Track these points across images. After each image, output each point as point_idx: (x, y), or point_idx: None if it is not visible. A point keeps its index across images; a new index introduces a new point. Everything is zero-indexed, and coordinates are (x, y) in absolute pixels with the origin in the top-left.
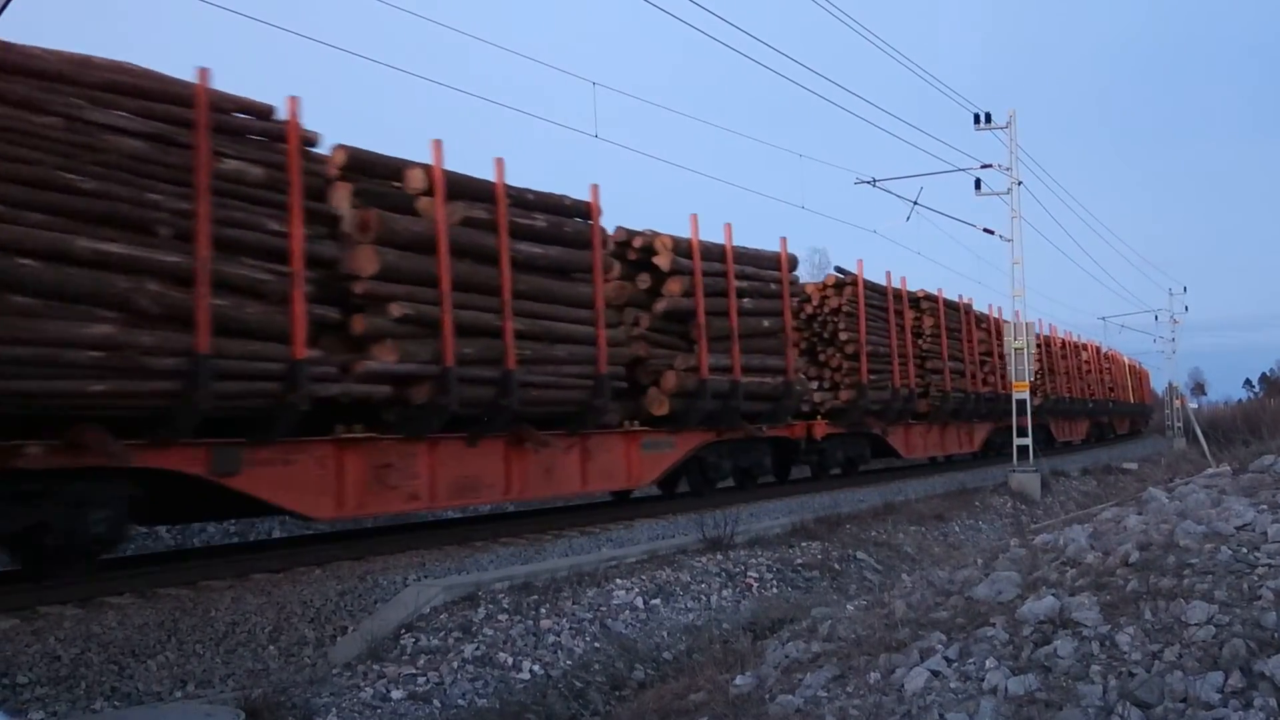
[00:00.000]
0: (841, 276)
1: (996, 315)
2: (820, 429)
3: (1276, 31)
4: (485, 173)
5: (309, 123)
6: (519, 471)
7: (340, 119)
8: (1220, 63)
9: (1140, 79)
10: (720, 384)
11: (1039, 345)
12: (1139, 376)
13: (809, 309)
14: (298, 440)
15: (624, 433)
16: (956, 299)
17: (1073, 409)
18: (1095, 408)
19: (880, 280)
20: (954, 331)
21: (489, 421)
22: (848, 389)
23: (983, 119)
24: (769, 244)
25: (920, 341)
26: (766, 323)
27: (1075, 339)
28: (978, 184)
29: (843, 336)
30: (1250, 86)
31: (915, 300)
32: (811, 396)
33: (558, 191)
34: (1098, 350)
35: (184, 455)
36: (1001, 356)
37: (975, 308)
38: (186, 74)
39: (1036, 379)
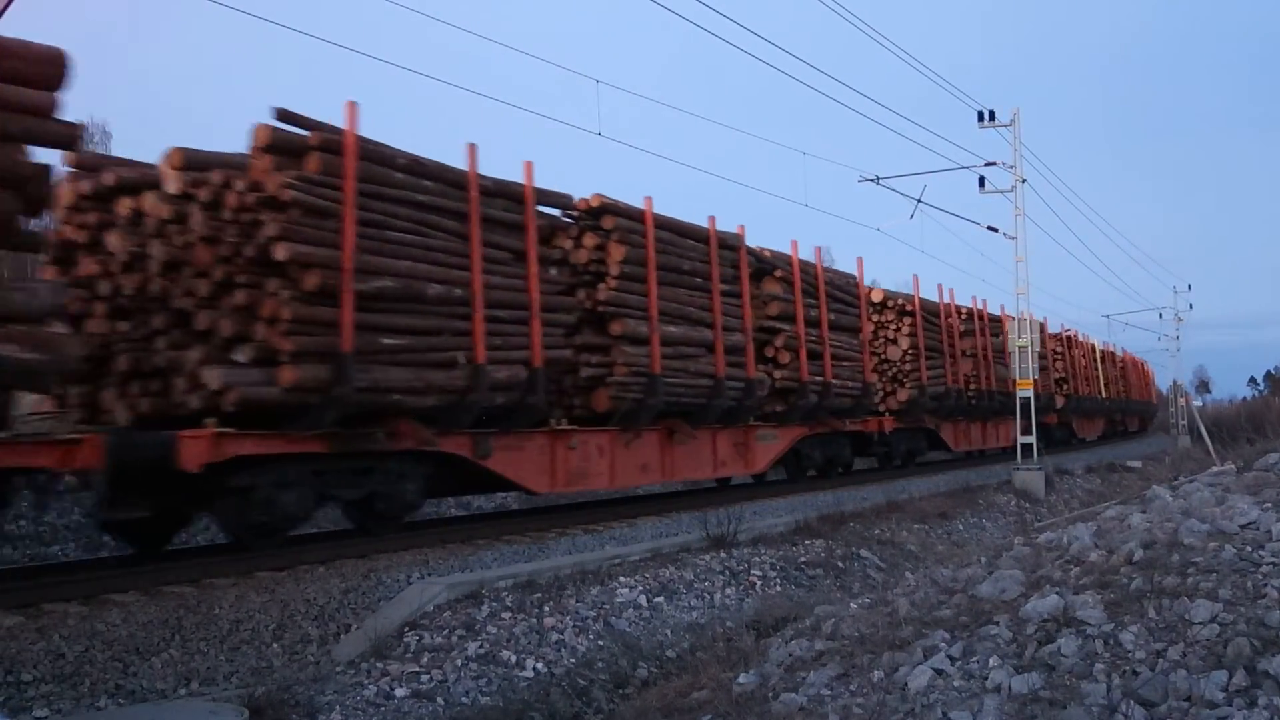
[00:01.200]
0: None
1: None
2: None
3: None
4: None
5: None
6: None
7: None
8: (1225, 59)
9: (1145, 76)
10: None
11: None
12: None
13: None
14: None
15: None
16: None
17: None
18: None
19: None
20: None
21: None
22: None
23: (986, 116)
24: (774, 242)
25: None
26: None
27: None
28: (981, 182)
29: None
30: (1255, 83)
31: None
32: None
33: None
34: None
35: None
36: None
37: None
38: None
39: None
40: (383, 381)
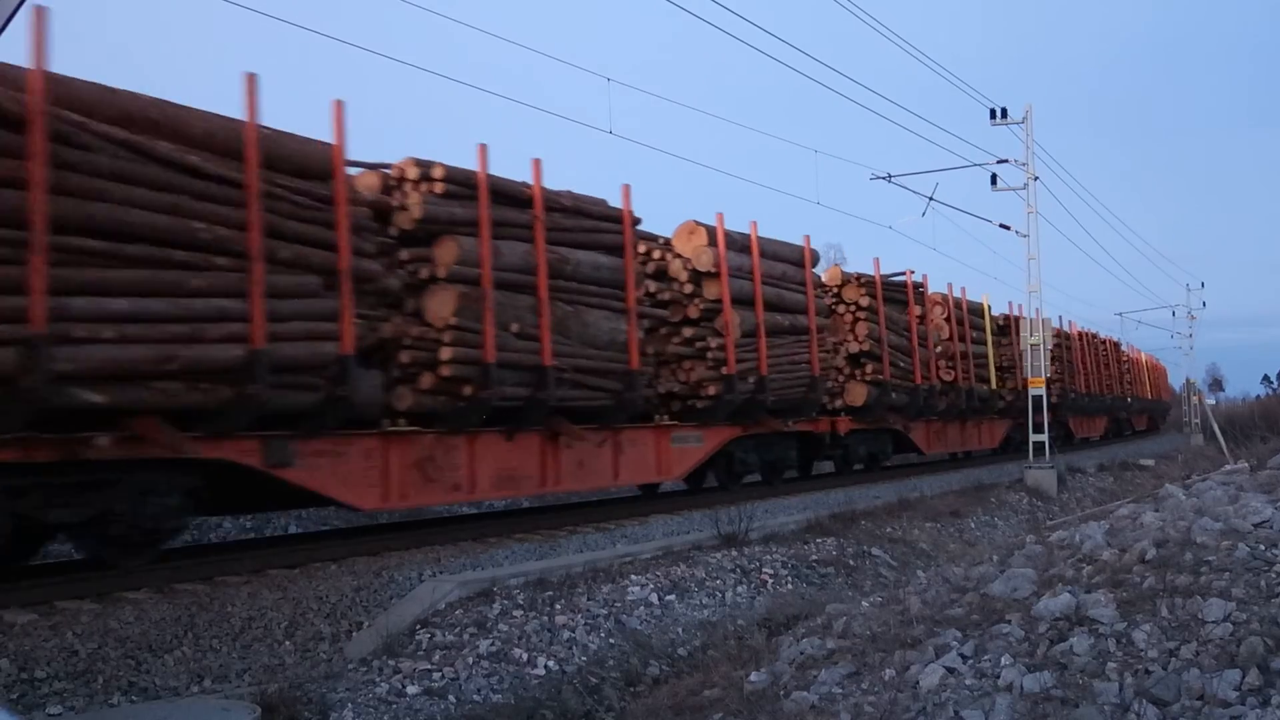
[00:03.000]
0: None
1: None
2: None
3: None
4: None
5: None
6: None
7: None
8: (1239, 56)
9: (1159, 72)
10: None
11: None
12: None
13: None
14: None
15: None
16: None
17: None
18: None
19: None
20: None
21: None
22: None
23: (999, 114)
24: (784, 239)
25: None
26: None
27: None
28: (994, 179)
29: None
30: (1270, 80)
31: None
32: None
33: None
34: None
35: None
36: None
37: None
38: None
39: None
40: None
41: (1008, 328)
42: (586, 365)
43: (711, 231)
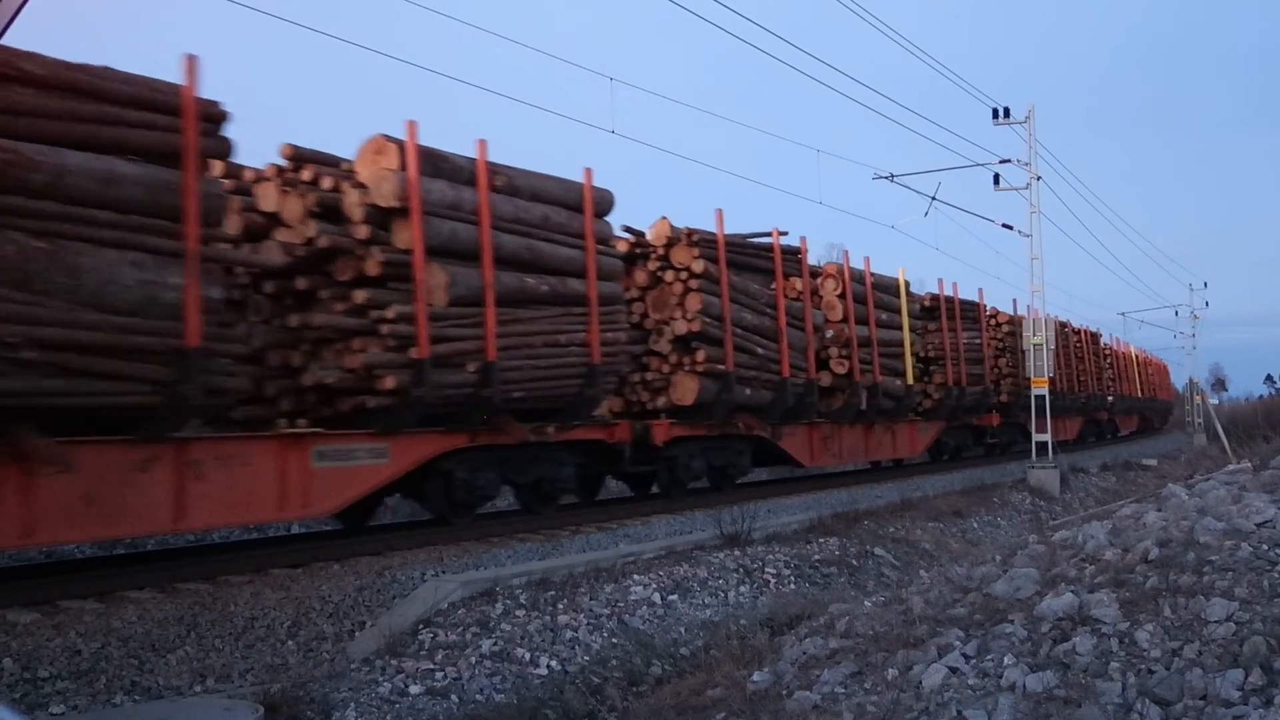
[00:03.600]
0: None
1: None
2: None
3: None
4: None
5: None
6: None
7: (352, 113)
8: (1244, 55)
9: (1162, 72)
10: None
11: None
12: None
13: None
14: None
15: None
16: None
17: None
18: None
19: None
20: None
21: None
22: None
23: (1001, 113)
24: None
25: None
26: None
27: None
28: (996, 179)
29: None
30: (1271, 80)
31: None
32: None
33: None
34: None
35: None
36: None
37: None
38: None
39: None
40: None
41: (937, 310)
42: (81, 340)
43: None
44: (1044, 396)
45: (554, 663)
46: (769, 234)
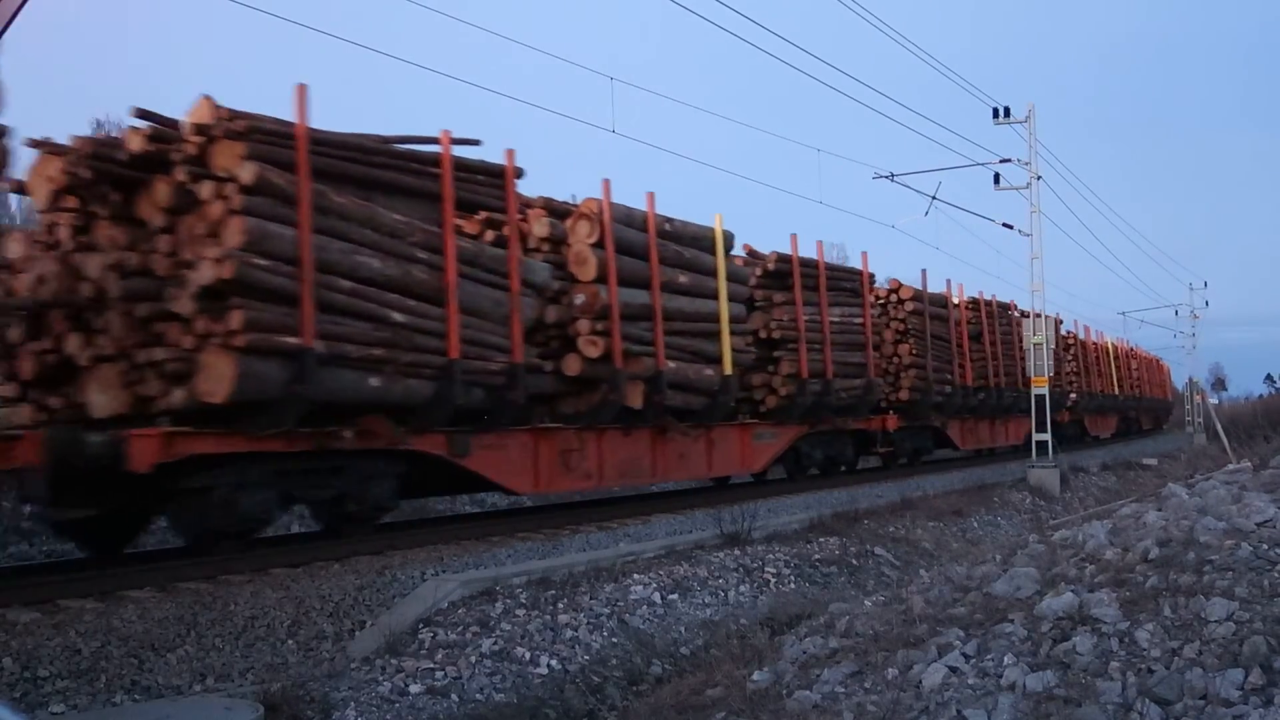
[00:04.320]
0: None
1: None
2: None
3: None
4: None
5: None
6: None
7: (355, 112)
8: (1244, 55)
9: (1162, 71)
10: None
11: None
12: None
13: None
14: None
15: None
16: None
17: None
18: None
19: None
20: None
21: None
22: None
23: (1001, 113)
24: (782, 238)
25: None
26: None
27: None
28: (996, 179)
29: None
30: (1272, 79)
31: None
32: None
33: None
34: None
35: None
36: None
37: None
38: None
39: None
40: None
41: (789, 278)
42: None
43: None
44: (1044, 396)
45: (554, 662)
46: (434, 138)
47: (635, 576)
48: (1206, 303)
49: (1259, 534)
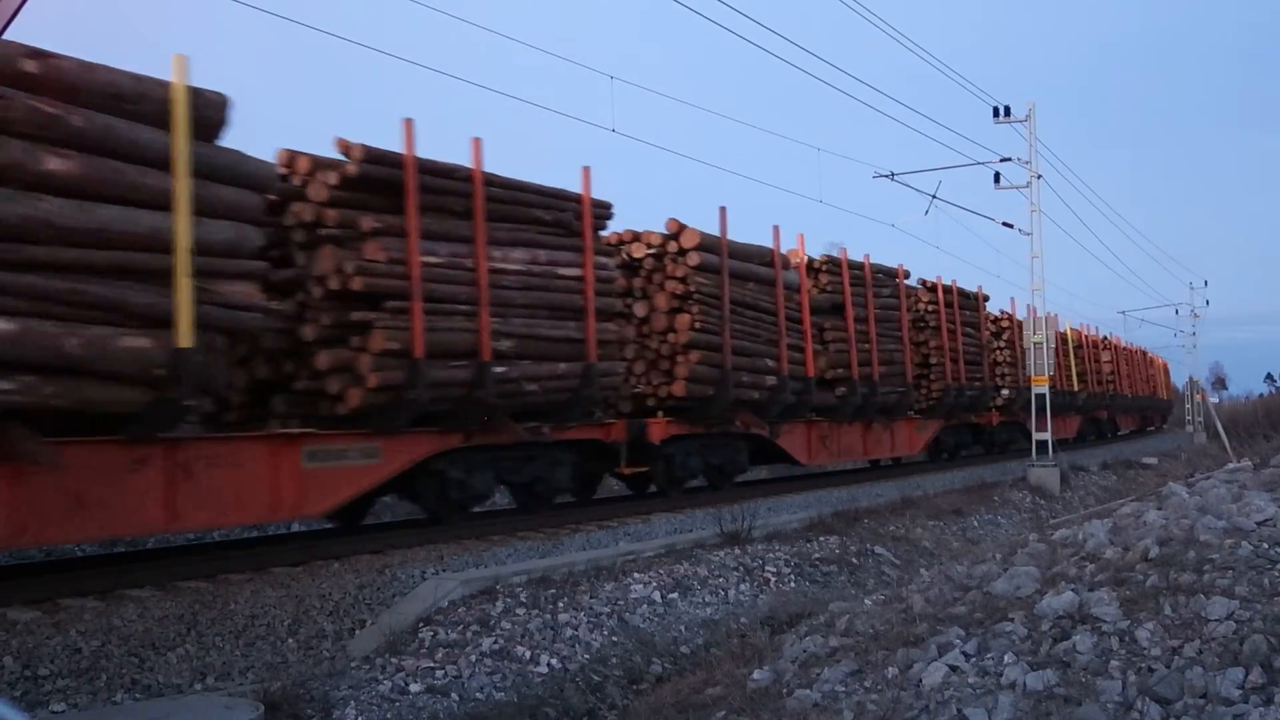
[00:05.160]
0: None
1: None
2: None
3: None
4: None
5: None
6: None
7: (354, 111)
8: (1245, 55)
9: (1163, 71)
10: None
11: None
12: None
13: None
14: None
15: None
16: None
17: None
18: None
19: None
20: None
21: None
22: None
23: (1002, 112)
24: (783, 236)
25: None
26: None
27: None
28: (997, 178)
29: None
30: (1272, 79)
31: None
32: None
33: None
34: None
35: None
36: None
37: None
38: None
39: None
40: None
41: (396, 188)
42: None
43: None
44: (1044, 395)
45: (554, 661)
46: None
47: (635, 575)
48: (1207, 302)
49: (1259, 533)
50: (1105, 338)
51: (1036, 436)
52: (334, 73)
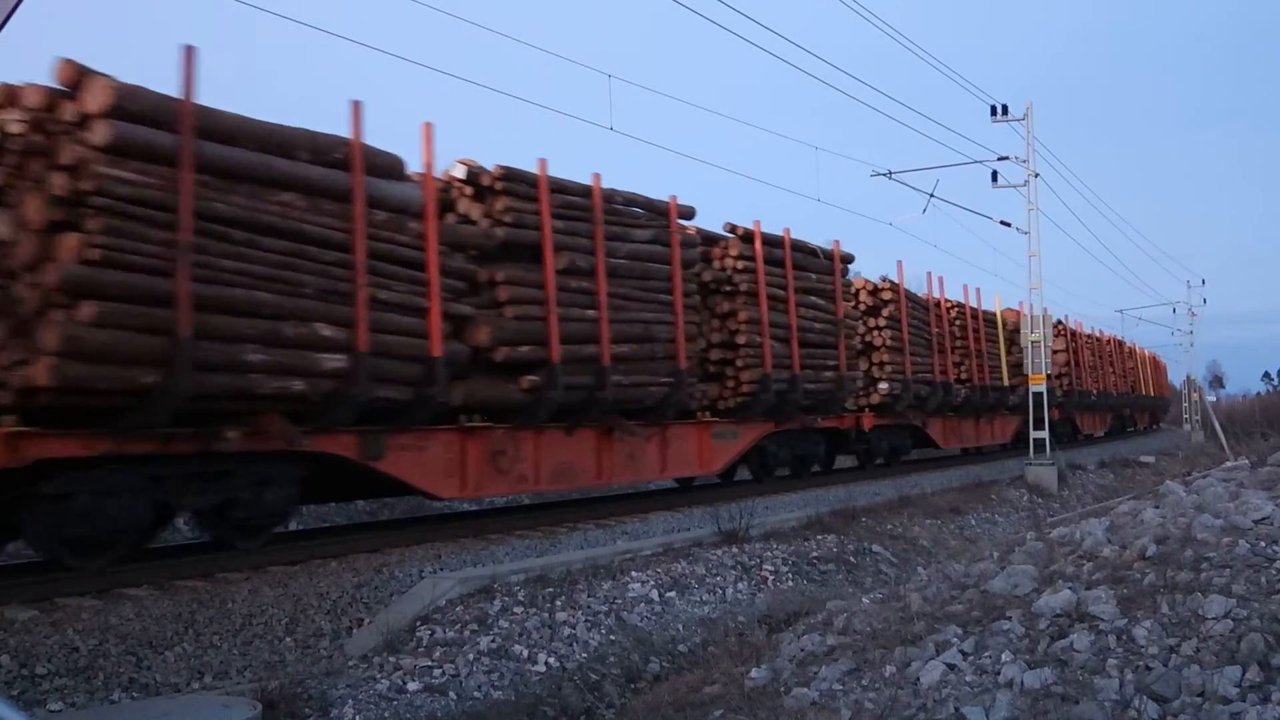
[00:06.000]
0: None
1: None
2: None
3: None
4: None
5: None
6: None
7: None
8: (1243, 53)
9: (1161, 70)
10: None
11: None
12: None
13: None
14: None
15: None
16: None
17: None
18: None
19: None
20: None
21: None
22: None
23: (999, 111)
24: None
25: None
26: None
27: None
28: (994, 176)
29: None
30: (1271, 77)
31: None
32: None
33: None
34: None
35: None
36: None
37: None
38: None
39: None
40: None
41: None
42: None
43: None
44: (1042, 393)
45: (552, 660)
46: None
47: (633, 574)
48: (1204, 300)
49: (1256, 531)
50: (1059, 321)
51: (1034, 435)
52: (330, 71)
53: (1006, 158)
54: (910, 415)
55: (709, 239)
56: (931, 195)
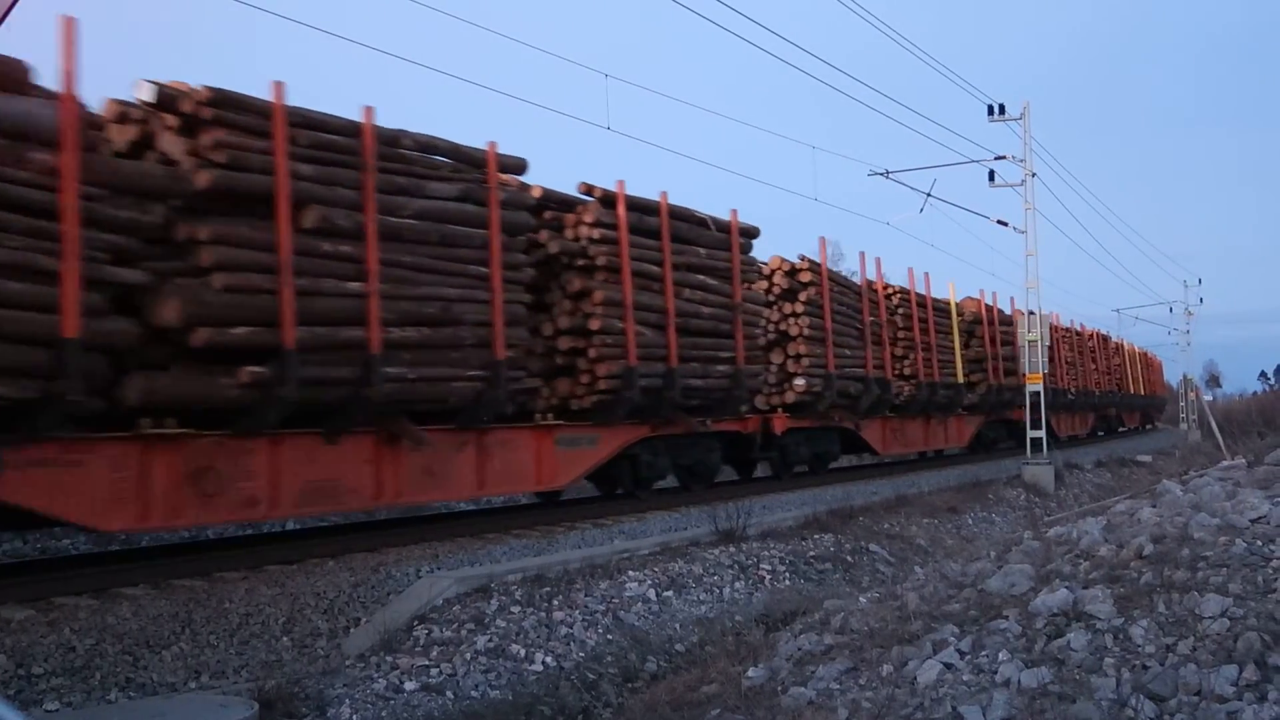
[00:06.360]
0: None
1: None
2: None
3: None
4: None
5: None
6: None
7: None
8: (1241, 53)
9: (1158, 69)
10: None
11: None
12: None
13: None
14: None
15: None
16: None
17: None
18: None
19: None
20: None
21: None
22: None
23: (996, 110)
24: (778, 234)
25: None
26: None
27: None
28: (991, 176)
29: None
30: (1269, 77)
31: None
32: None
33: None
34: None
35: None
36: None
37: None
38: None
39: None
40: None
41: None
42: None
43: None
44: (1038, 392)
45: (549, 659)
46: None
47: (630, 573)
48: (1201, 300)
49: (1253, 530)
50: (1031, 313)
51: (1031, 435)
52: (329, 70)
53: (1004, 157)
54: (836, 416)
55: (562, 202)
56: (929, 195)
